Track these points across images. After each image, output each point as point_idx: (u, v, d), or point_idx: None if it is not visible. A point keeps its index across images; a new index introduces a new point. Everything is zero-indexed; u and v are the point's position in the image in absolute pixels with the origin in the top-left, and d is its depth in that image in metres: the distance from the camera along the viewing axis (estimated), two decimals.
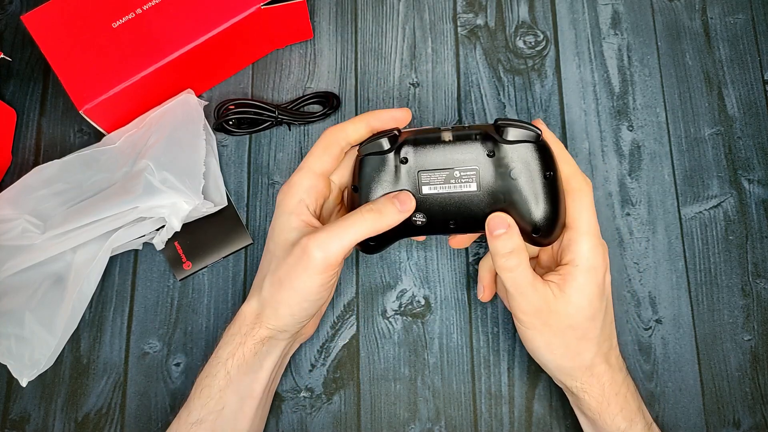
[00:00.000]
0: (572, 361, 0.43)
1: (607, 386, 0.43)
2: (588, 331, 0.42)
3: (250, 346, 0.43)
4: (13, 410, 0.50)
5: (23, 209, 0.51)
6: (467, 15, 0.59)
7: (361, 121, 0.44)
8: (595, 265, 0.42)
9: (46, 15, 0.51)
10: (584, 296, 0.41)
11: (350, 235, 0.40)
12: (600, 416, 0.43)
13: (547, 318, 0.42)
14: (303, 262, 0.40)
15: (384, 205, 0.41)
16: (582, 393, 0.43)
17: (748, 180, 0.54)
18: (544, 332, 0.42)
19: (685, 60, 0.57)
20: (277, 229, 0.43)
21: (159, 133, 0.52)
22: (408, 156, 0.42)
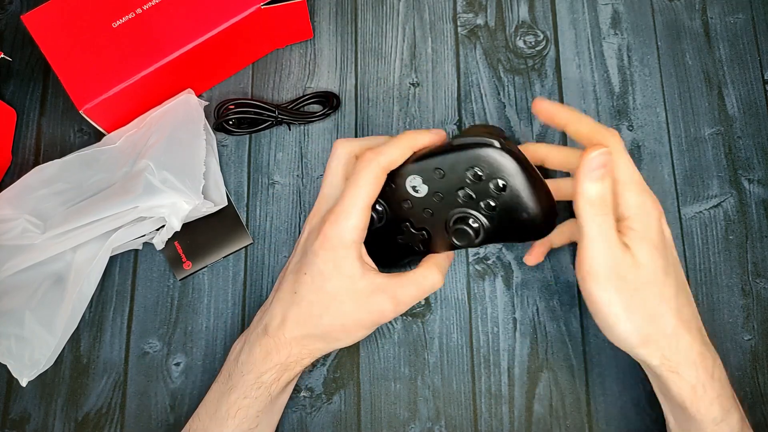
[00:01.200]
0: (653, 326, 0.38)
1: (699, 363, 0.38)
2: (664, 287, 0.38)
3: (295, 373, 0.44)
4: (13, 410, 0.50)
5: (23, 209, 0.51)
6: (467, 15, 0.59)
7: (406, 144, 0.42)
8: (647, 210, 0.39)
9: (46, 15, 0.51)
10: (651, 244, 0.38)
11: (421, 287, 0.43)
12: (693, 403, 0.38)
13: (626, 273, 0.37)
14: (383, 309, 0.42)
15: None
16: (671, 374, 0.38)
17: (748, 180, 0.54)
18: (623, 291, 0.37)
19: (685, 60, 0.57)
20: (341, 275, 0.41)
21: (159, 133, 0.52)
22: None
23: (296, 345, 0.43)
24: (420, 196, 0.42)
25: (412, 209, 0.43)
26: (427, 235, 0.43)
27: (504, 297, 0.52)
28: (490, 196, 0.40)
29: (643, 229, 0.38)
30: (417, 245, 0.44)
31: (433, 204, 0.42)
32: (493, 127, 0.46)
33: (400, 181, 0.42)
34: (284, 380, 0.44)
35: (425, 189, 0.42)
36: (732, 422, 0.38)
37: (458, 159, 0.40)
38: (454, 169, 0.40)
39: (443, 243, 0.43)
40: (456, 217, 0.42)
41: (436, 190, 0.42)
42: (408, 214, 0.43)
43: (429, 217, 0.43)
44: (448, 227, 0.42)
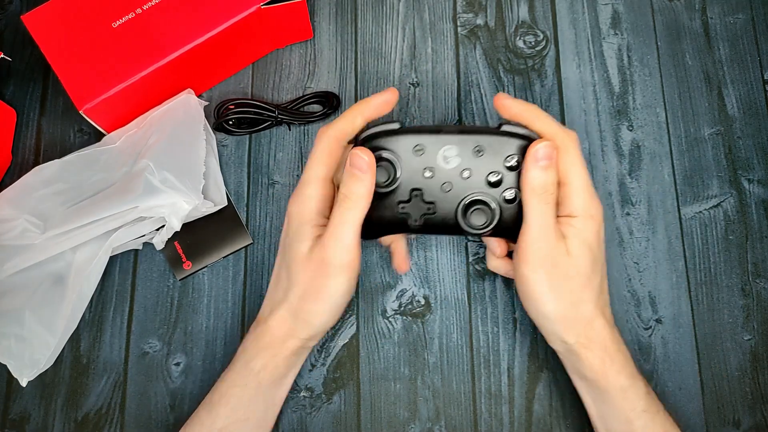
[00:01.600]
0: (575, 310, 0.42)
1: (609, 341, 0.42)
2: (591, 279, 0.42)
3: (282, 359, 0.44)
4: (13, 410, 0.50)
5: (23, 209, 0.51)
6: (467, 15, 0.59)
7: (354, 113, 0.43)
8: (591, 213, 0.42)
9: (46, 15, 0.51)
10: (586, 243, 0.41)
11: (346, 230, 0.41)
12: (603, 375, 0.42)
13: (557, 261, 0.41)
14: (324, 271, 0.41)
15: (348, 183, 0.41)
16: (583, 349, 0.42)
17: (748, 180, 0.54)
18: (552, 276, 0.41)
19: (685, 60, 0.57)
20: (293, 242, 0.43)
21: (159, 133, 0.52)
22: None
23: (279, 327, 0.43)
24: (448, 168, 0.42)
25: (431, 179, 0.42)
26: (433, 209, 0.43)
27: (504, 297, 0.52)
28: (514, 188, 0.42)
29: (582, 228, 0.41)
30: (415, 219, 0.43)
31: (456, 179, 0.42)
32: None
33: (434, 147, 0.42)
34: (273, 367, 0.44)
35: (456, 162, 0.42)
36: (637, 389, 0.42)
37: (503, 143, 0.41)
38: (495, 150, 0.41)
39: (446, 222, 0.43)
40: (476, 198, 0.42)
41: (467, 166, 0.42)
42: (424, 183, 0.42)
43: (445, 192, 0.42)
44: (464, 207, 0.42)
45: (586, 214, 0.41)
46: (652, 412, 0.42)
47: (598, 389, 0.43)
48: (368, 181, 0.40)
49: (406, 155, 0.42)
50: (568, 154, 0.42)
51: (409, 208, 0.43)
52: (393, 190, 0.43)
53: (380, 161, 0.42)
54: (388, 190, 0.43)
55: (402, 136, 0.42)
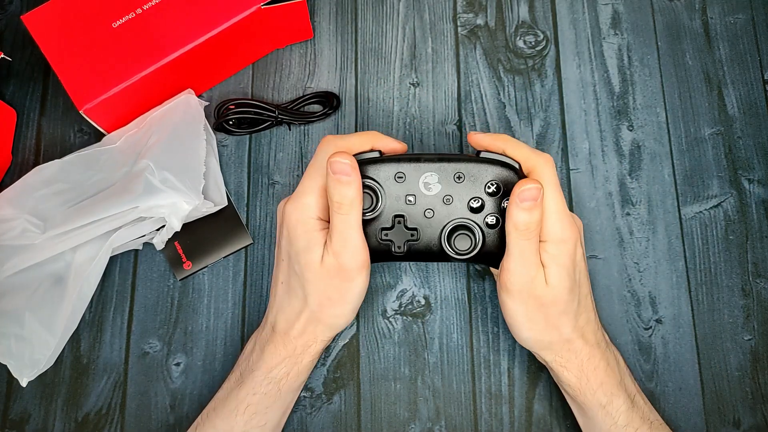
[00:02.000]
0: (550, 335, 0.43)
1: (585, 361, 0.43)
2: (567, 304, 0.42)
3: (304, 365, 0.44)
4: (13, 410, 0.50)
5: (23, 209, 0.51)
6: (467, 15, 0.59)
7: (368, 136, 0.44)
8: (563, 237, 0.42)
9: (46, 15, 0.51)
10: (563, 268, 0.42)
11: (351, 234, 0.41)
12: (580, 392, 0.43)
13: (536, 290, 0.42)
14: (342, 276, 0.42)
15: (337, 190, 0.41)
16: (561, 368, 0.44)
17: (748, 180, 0.54)
18: (529, 304, 0.42)
19: (685, 60, 0.57)
20: (303, 252, 0.42)
21: (159, 133, 0.52)
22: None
23: (301, 336, 0.44)
24: (429, 194, 0.43)
25: (413, 206, 0.43)
26: (416, 235, 0.43)
27: None
28: (496, 214, 0.43)
29: (557, 253, 0.42)
30: (398, 246, 0.43)
31: (438, 206, 0.43)
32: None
33: (415, 174, 0.43)
34: (294, 375, 0.44)
35: (437, 188, 0.43)
36: (617, 405, 0.43)
37: (482, 170, 0.42)
38: (474, 177, 0.42)
39: (429, 248, 0.43)
40: (459, 224, 0.43)
41: (448, 192, 0.43)
42: (406, 210, 0.43)
43: (428, 218, 0.43)
44: (447, 233, 0.43)
45: (558, 238, 0.42)
46: (634, 427, 0.43)
47: (578, 404, 0.45)
48: (355, 182, 0.41)
49: (387, 183, 0.43)
50: (540, 176, 0.42)
51: (392, 234, 0.43)
52: (375, 217, 0.43)
53: (363, 188, 0.42)
54: (371, 216, 0.43)
55: (383, 164, 0.43)
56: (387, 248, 0.44)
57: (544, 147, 0.55)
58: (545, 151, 0.54)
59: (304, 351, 0.44)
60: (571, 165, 0.55)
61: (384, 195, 0.43)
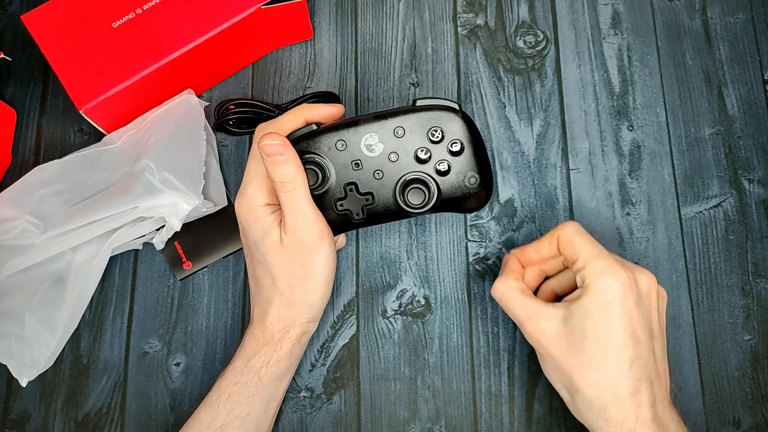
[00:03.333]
0: (609, 383, 0.38)
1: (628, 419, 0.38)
2: (620, 351, 0.38)
3: (286, 350, 0.44)
4: (13, 410, 0.50)
5: (23, 209, 0.51)
6: (467, 15, 0.59)
7: (297, 113, 0.44)
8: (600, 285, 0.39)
9: (46, 15, 0.51)
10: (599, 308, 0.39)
11: (302, 207, 0.41)
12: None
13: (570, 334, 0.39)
14: (303, 250, 0.42)
15: (276, 170, 0.41)
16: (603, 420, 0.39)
17: (748, 180, 0.54)
18: (574, 352, 0.39)
19: (685, 60, 0.57)
20: (259, 238, 0.43)
21: (159, 133, 0.52)
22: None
23: (277, 321, 0.44)
24: (374, 155, 0.43)
25: (360, 170, 0.43)
26: (371, 199, 0.43)
27: None
28: (445, 159, 0.42)
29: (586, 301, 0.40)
30: (357, 212, 0.43)
31: (386, 165, 0.43)
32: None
33: (355, 139, 0.43)
34: (274, 363, 0.44)
35: (380, 148, 0.43)
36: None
37: (422, 119, 0.42)
38: (414, 128, 0.42)
39: (388, 208, 0.43)
40: (411, 178, 0.43)
41: (392, 149, 0.43)
42: (355, 176, 0.43)
43: (378, 179, 0.43)
44: (400, 189, 0.43)
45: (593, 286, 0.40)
46: None
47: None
48: (291, 158, 0.41)
49: (330, 153, 0.43)
50: (571, 239, 0.42)
51: (347, 203, 0.43)
52: (327, 189, 0.43)
53: (307, 164, 0.42)
54: (322, 191, 0.43)
55: (321, 135, 0.43)
56: (346, 217, 0.43)
57: (544, 147, 0.55)
58: (545, 151, 0.55)
59: (282, 337, 0.44)
60: (571, 165, 0.55)
61: (329, 166, 0.43)
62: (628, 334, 0.39)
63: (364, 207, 0.43)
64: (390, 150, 0.42)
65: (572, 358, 0.40)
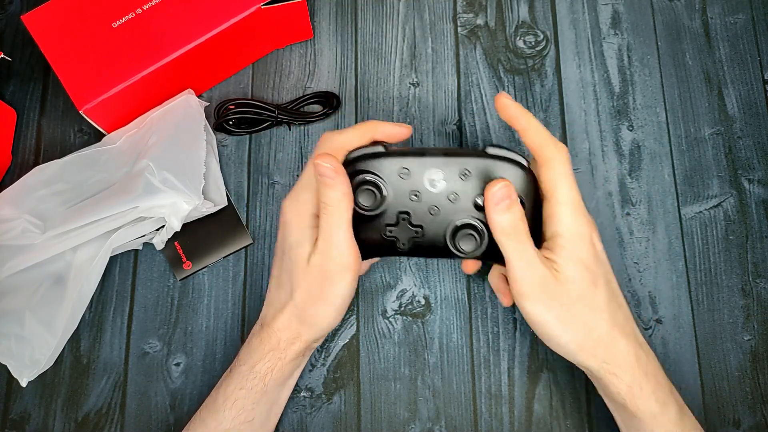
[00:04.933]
0: (588, 335, 0.40)
1: (635, 366, 0.40)
2: (594, 298, 0.40)
3: (287, 361, 0.44)
4: (13, 410, 0.50)
5: (23, 209, 0.51)
6: (467, 15, 0.59)
7: (366, 128, 0.43)
8: (578, 232, 0.41)
9: (46, 15, 0.51)
10: (580, 263, 0.40)
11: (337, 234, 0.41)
12: (631, 400, 0.40)
13: (554, 291, 0.40)
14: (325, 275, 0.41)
15: (323, 192, 0.40)
16: (608, 375, 0.40)
17: (748, 180, 0.54)
18: (554, 307, 0.40)
19: (685, 60, 0.57)
20: (294, 247, 0.42)
21: (159, 133, 0.52)
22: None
23: (285, 329, 0.44)
24: (434, 191, 0.42)
25: (418, 203, 0.42)
26: (421, 232, 0.43)
27: None
28: None
29: (572, 247, 0.40)
30: (403, 243, 0.43)
31: (443, 203, 0.42)
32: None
33: (419, 170, 0.42)
34: (278, 370, 0.44)
35: (443, 185, 0.42)
36: (670, 414, 0.40)
37: (490, 167, 0.41)
38: (481, 174, 0.41)
39: (434, 245, 0.43)
40: (465, 223, 0.42)
41: (454, 190, 0.42)
42: (411, 207, 0.43)
43: (433, 215, 0.42)
44: (452, 231, 0.42)
45: (574, 233, 0.41)
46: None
47: (627, 413, 0.42)
48: (340, 183, 0.40)
49: (391, 178, 0.42)
50: (555, 168, 0.41)
51: (396, 231, 0.43)
52: (380, 213, 0.43)
53: (366, 184, 0.42)
54: (375, 213, 0.43)
55: (387, 158, 0.42)
56: (392, 245, 0.43)
57: None
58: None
59: (287, 347, 0.44)
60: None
61: (389, 192, 0.42)
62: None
63: (412, 238, 0.43)
64: (451, 190, 0.42)
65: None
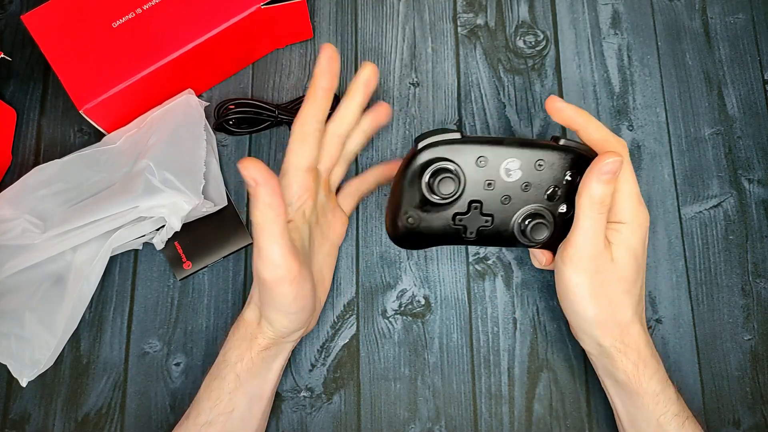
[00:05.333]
0: (614, 315, 0.42)
1: (643, 347, 0.43)
2: (632, 286, 0.43)
3: (256, 352, 0.44)
4: (13, 410, 0.50)
5: (23, 209, 0.51)
6: (467, 15, 0.59)
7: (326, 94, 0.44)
8: (639, 221, 0.43)
9: (46, 15, 0.51)
10: (630, 251, 0.42)
11: (269, 248, 0.39)
12: (636, 379, 0.43)
13: (601, 267, 0.42)
14: (264, 285, 0.40)
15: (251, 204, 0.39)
16: (618, 353, 0.43)
17: (748, 180, 0.54)
18: (595, 280, 0.42)
19: (685, 60, 0.57)
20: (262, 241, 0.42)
21: (159, 133, 0.52)
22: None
23: (251, 322, 0.44)
24: (509, 180, 0.42)
25: (491, 191, 0.42)
26: (490, 222, 0.43)
27: (504, 297, 0.52)
28: (568, 203, 0.43)
29: (629, 236, 0.42)
30: (472, 231, 0.43)
31: (517, 192, 0.42)
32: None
33: (497, 160, 0.42)
34: (249, 360, 0.44)
35: (518, 175, 0.42)
36: (669, 394, 0.43)
37: (563, 158, 0.42)
38: (555, 165, 0.42)
39: (500, 234, 0.43)
40: (535, 212, 0.42)
41: (528, 180, 0.42)
42: (484, 195, 0.42)
43: (504, 204, 0.42)
44: (522, 219, 0.43)
45: (635, 222, 0.42)
46: (683, 417, 0.43)
47: (629, 393, 0.43)
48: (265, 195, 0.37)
49: (468, 167, 0.41)
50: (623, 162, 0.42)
51: (466, 220, 0.43)
52: (451, 201, 0.42)
53: (445, 173, 0.41)
54: (449, 201, 0.42)
55: (465, 146, 0.41)
56: (458, 233, 0.43)
57: None
58: None
59: (253, 338, 0.44)
60: None
61: (465, 180, 0.42)
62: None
63: (480, 228, 0.43)
64: (525, 180, 0.42)
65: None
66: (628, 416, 0.44)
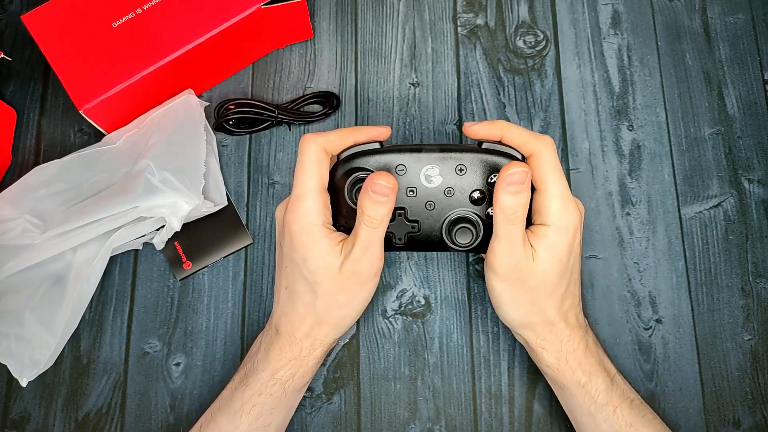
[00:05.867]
0: (535, 316, 0.43)
1: (565, 342, 0.44)
2: (555, 288, 0.43)
3: (309, 367, 0.45)
4: (13, 410, 0.50)
5: (23, 209, 0.51)
6: (467, 15, 0.59)
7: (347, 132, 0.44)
8: (565, 224, 0.42)
9: (46, 15, 0.51)
10: (555, 255, 0.42)
11: (376, 245, 0.41)
12: (559, 372, 0.44)
13: (522, 276, 0.42)
14: (357, 281, 0.42)
15: (371, 207, 0.40)
16: (540, 349, 0.44)
17: (748, 180, 0.54)
18: (515, 287, 0.42)
19: (685, 60, 0.57)
20: (314, 257, 0.42)
21: (159, 133, 0.52)
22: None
23: (306, 338, 0.44)
24: (431, 187, 0.43)
25: (414, 198, 0.43)
26: (417, 228, 0.43)
27: None
28: None
29: (555, 239, 0.42)
30: (400, 237, 0.43)
31: (440, 198, 0.43)
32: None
33: (416, 166, 0.42)
34: (299, 376, 0.44)
35: (439, 180, 0.42)
36: (596, 384, 0.43)
37: (485, 161, 0.42)
38: (477, 169, 0.42)
39: (430, 240, 0.43)
40: (460, 216, 0.43)
41: (450, 185, 0.42)
42: (407, 202, 0.43)
43: (429, 210, 0.43)
44: (448, 225, 0.43)
45: (560, 224, 0.42)
46: (614, 405, 0.43)
47: (558, 385, 0.45)
48: (391, 202, 0.40)
49: (393, 173, 0.42)
50: (543, 160, 0.42)
51: (393, 227, 0.43)
52: None
53: (362, 182, 0.42)
54: None
55: (383, 155, 0.42)
56: (387, 239, 0.44)
57: None
58: None
59: (309, 353, 0.44)
60: (571, 165, 0.55)
61: None
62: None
63: (408, 234, 0.43)
64: (448, 185, 0.42)
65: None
66: (565, 407, 0.46)
